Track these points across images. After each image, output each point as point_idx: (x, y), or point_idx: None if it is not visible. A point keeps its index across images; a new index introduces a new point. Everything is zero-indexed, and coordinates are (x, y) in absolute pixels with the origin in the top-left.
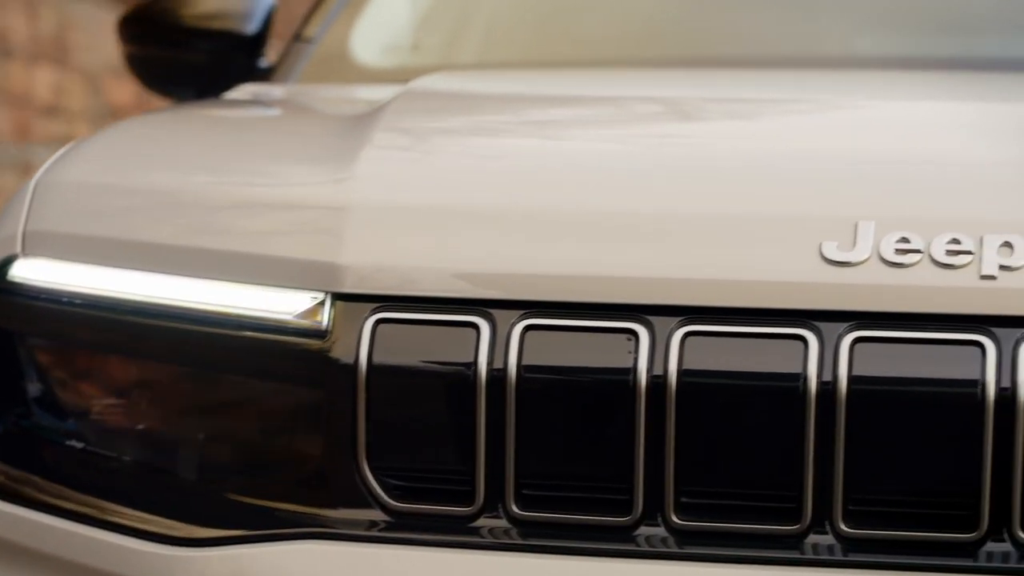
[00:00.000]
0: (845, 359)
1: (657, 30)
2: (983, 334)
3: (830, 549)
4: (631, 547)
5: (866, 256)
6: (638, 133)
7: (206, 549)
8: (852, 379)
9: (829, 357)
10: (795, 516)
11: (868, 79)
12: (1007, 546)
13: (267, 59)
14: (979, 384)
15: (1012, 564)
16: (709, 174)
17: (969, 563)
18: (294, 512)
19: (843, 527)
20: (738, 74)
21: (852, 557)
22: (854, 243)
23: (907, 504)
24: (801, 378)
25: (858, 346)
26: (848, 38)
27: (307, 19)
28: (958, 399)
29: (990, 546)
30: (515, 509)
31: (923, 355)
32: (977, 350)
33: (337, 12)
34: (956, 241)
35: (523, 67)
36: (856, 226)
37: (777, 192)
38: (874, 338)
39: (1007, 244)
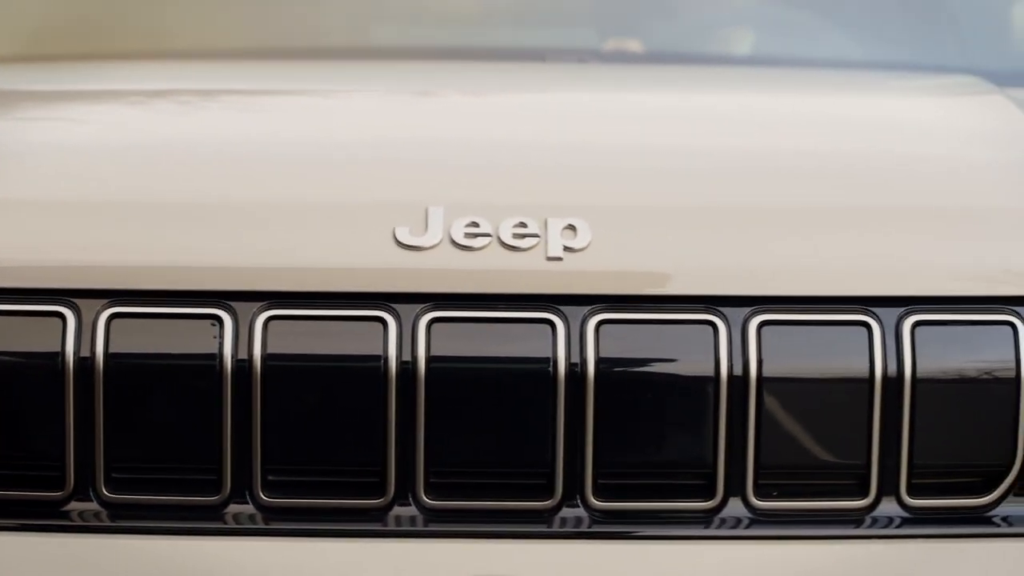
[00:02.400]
0: (422, 339)
1: (190, 22)
2: (552, 312)
3: (412, 520)
4: (220, 524)
5: (437, 240)
6: (212, 123)
7: None
8: (430, 359)
9: (407, 337)
10: (379, 490)
11: (420, 69)
12: (581, 511)
13: None
14: (550, 360)
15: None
16: (284, 163)
17: (544, 528)
18: None
19: (425, 498)
20: (295, 64)
21: (432, 527)
22: (426, 228)
23: (485, 475)
24: (382, 359)
25: (435, 326)
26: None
27: None
28: (531, 375)
29: (565, 512)
30: (106, 492)
31: (497, 334)
32: (547, 327)
33: None
34: (523, 225)
35: (66, 60)
36: (427, 211)
37: (351, 179)
38: (449, 318)
39: (571, 227)
